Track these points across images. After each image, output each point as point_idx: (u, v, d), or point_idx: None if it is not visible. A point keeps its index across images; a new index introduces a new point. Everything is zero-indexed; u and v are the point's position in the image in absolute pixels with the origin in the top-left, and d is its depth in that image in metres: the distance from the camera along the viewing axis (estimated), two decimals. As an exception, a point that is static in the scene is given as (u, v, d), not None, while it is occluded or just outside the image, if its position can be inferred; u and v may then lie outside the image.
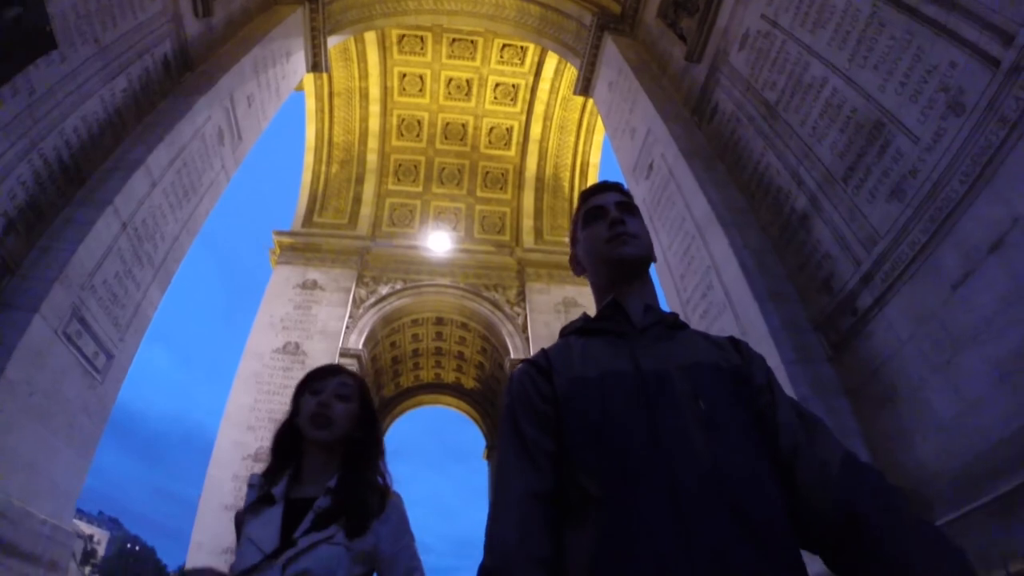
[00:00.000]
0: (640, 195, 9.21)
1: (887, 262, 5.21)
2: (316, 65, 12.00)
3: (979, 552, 3.80)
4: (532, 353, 13.88)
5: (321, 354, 16.38)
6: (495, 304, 19.02)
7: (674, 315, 1.35)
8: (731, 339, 1.35)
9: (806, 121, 6.36)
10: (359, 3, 13.30)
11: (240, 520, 1.83)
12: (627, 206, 1.47)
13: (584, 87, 12.58)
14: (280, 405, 15.12)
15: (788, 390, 5.39)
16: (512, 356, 17.63)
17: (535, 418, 1.18)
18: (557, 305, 18.84)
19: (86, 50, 6.23)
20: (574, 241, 1.57)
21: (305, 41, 11.31)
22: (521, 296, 19.30)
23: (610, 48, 11.38)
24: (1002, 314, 4.12)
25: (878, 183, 5.36)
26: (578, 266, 1.56)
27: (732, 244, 6.68)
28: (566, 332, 1.40)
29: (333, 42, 12.81)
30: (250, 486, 1.92)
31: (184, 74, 8.12)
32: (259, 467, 2.50)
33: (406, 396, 21.47)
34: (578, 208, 1.56)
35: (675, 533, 0.94)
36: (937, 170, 4.77)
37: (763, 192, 7.12)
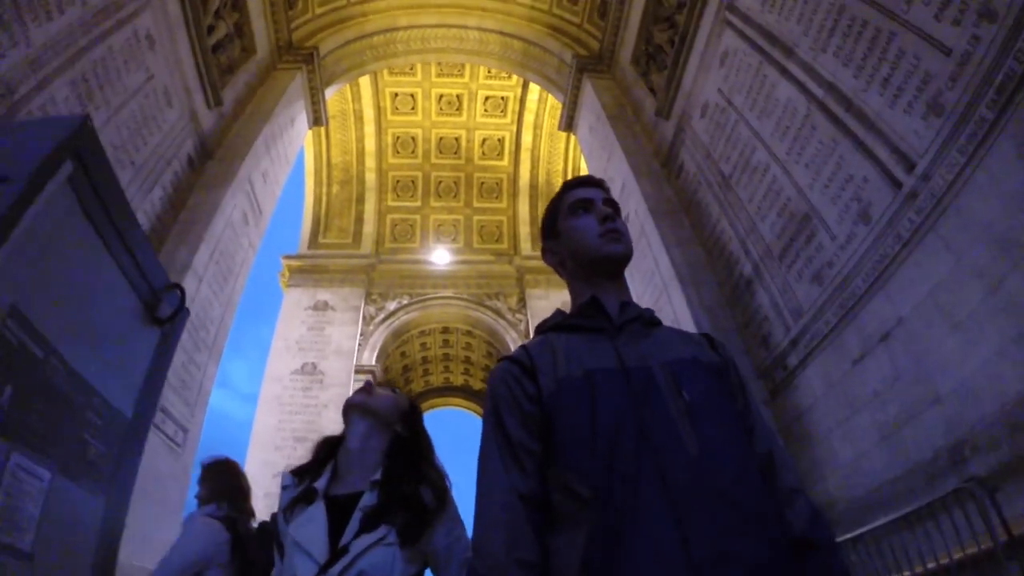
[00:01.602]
0: (619, 240, 10.28)
1: (808, 333, 6.34)
2: (317, 120, 12.96)
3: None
4: None
5: (338, 372, 17.61)
6: (497, 312, 20.16)
7: (650, 311, 1.37)
8: (705, 336, 1.38)
9: (752, 199, 7.38)
10: (351, 52, 14.17)
11: (276, 522, 1.74)
12: (613, 204, 1.47)
13: (568, 124, 13.50)
14: (303, 424, 16.42)
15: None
16: (515, 362, 18.82)
17: (521, 419, 1.16)
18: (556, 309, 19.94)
19: (126, 175, 7.26)
20: (551, 231, 1.53)
21: (306, 102, 12.26)
22: (522, 303, 20.42)
23: (589, 92, 12.28)
24: (885, 390, 5.30)
25: (804, 266, 6.44)
26: (553, 256, 1.53)
27: (689, 301, 7.79)
28: (544, 328, 1.39)
29: (330, 93, 13.73)
30: (283, 488, 1.81)
31: (205, 162, 9.13)
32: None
33: (418, 400, 22.74)
34: (559, 197, 1.52)
35: (671, 527, 0.95)
36: (847, 266, 5.84)
37: (719, 251, 8.18)
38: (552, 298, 20.21)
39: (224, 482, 3.56)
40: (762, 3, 7.54)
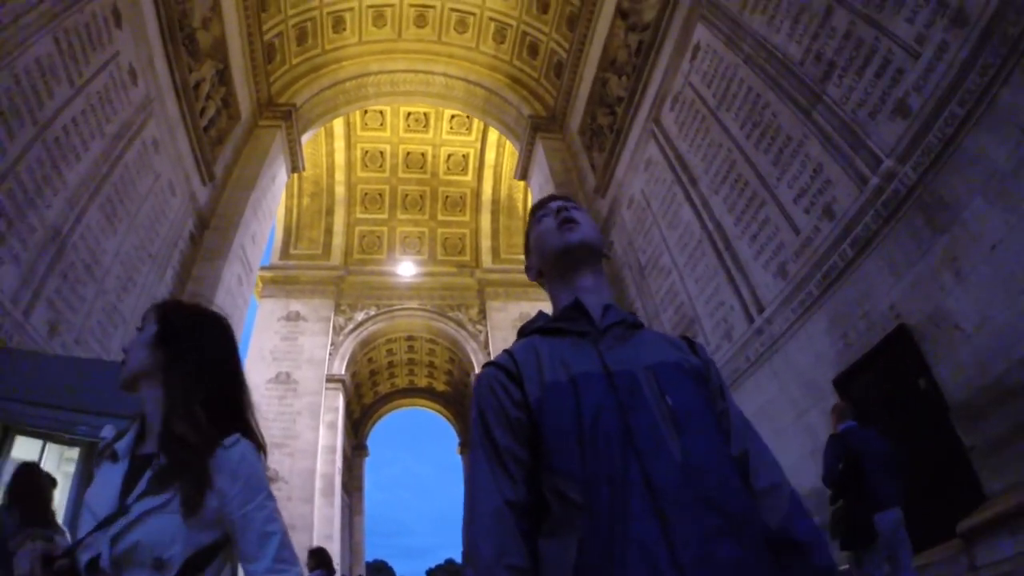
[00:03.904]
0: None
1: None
2: (295, 168, 14.23)
3: None
4: None
5: (310, 381, 19.08)
6: (459, 323, 21.78)
7: (632, 314, 1.35)
8: (686, 339, 1.37)
9: (659, 292, 9.16)
10: (325, 98, 15.35)
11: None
12: (573, 205, 1.46)
13: (523, 175, 15.06)
14: (279, 431, 17.89)
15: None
16: (477, 371, 20.55)
17: (508, 426, 1.15)
18: (515, 321, 21.52)
19: (145, 268, 8.63)
20: (528, 251, 1.53)
21: (285, 156, 13.51)
22: (482, 314, 22.05)
23: (541, 153, 13.82)
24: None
25: (692, 362, 8.28)
26: (531, 270, 1.51)
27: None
28: (527, 331, 1.34)
29: (305, 139, 14.94)
30: (101, 439, 1.58)
31: (203, 232, 10.47)
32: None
33: (385, 401, 24.43)
34: (529, 222, 1.55)
35: (657, 534, 0.96)
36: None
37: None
38: (510, 310, 21.89)
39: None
40: (678, 129, 9.21)
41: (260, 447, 1.55)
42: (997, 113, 4.80)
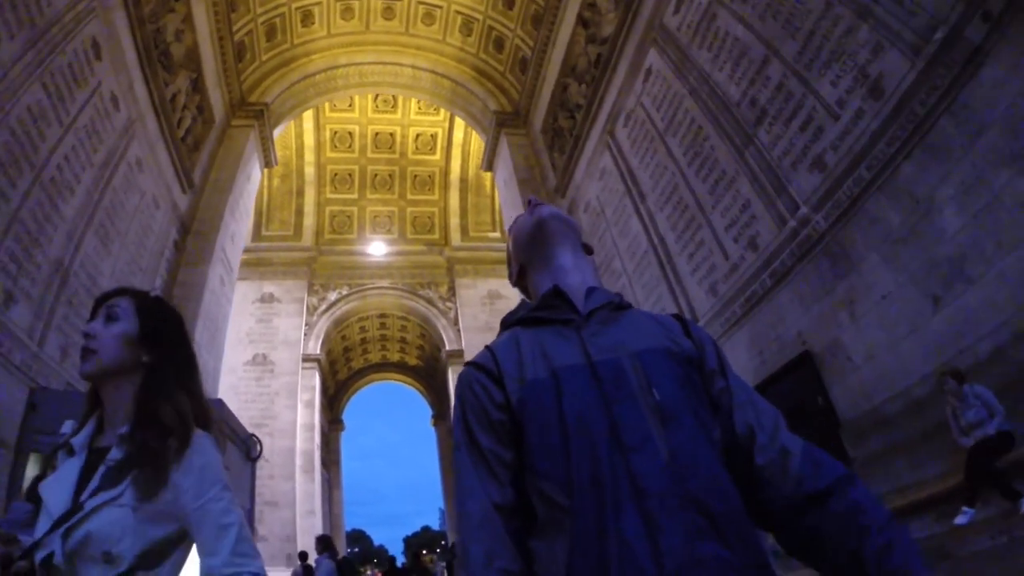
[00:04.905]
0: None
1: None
2: (268, 163, 14.62)
3: None
4: (465, 343, 17.80)
5: (286, 362, 19.80)
6: (429, 301, 22.59)
7: (618, 295, 1.29)
8: (677, 317, 1.30)
9: (614, 297, 10.11)
10: (296, 92, 15.60)
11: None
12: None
13: (488, 166, 15.71)
14: (258, 412, 18.65)
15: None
16: (447, 348, 21.53)
17: (490, 429, 1.13)
18: (483, 298, 22.51)
19: (136, 279, 9.20)
20: (508, 261, 1.48)
21: (259, 153, 13.89)
22: (452, 291, 22.87)
23: (505, 147, 14.47)
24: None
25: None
26: (514, 274, 1.46)
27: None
28: (509, 323, 1.30)
29: (277, 133, 15.26)
30: (60, 435, 1.54)
31: (186, 237, 11.01)
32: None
33: (359, 376, 25.31)
34: (508, 240, 1.49)
35: (643, 537, 0.94)
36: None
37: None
38: (479, 287, 22.74)
39: None
40: (631, 145, 10.03)
41: (221, 438, 1.68)
42: (898, 182, 5.65)
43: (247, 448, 5.42)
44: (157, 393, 1.44)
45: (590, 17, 11.91)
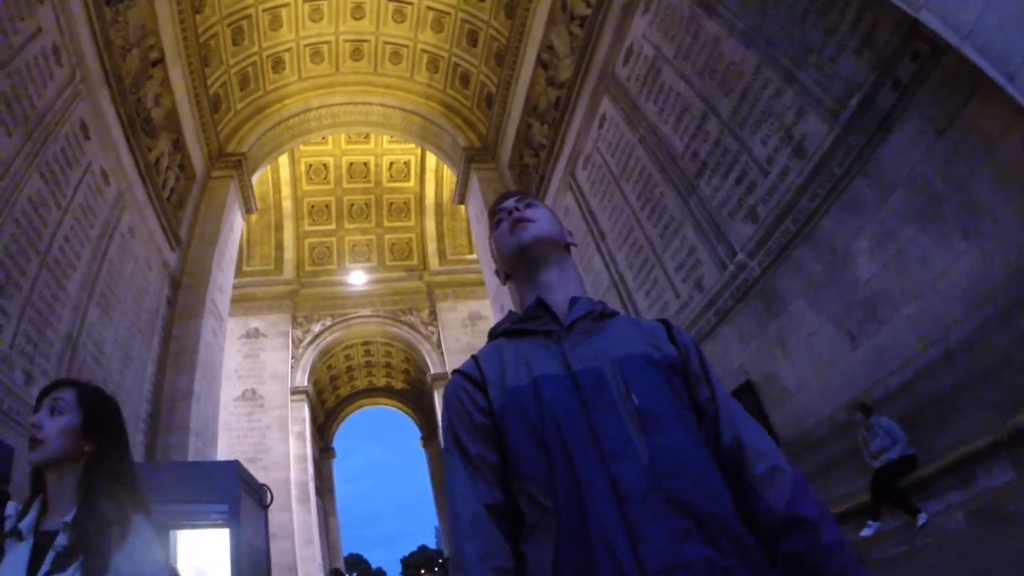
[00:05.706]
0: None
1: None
2: (248, 210, 15.20)
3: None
4: (448, 366, 18.57)
5: (275, 395, 20.26)
6: (411, 326, 23.20)
7: (602, 304, 1.32)
8: (663, 322, 1.33)
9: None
10: (271, 137, 16.21)
11: None
12: (528, 202, 1.46)
13: (460, 200, 16.45)
14: (251, 446, 19.10)
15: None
16: (432, 371, 22.14)
17: (476, 433, 1.16)
18: (464, 320, 23.13)
19: (137, 341, 9.78)
20: (492, 255, 1.53)
21: (239, 203, 14.49)
22: (433, 315, 23.48)
23: (475, 183, 15.22)
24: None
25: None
26: (498, 275, 1.52)
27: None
28: (495, 334, 1.34)
29: (255, 178, 15.84)
30: (6, 518, 1.65)
31: (177, 292, 11.57)
32: None
33: (347, 402, 25.84)
34: (489, 225, 1.53)
35: (624, 541, 0.96)
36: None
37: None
38: (460, 309, 23.36)
39: None
40: (590, 187, 10.83)
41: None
42: (819, 234, 6.43)
43: (260, 497, 6.08)
44: (97, 483, 1.57)
45: (548, 60, 12.71)
